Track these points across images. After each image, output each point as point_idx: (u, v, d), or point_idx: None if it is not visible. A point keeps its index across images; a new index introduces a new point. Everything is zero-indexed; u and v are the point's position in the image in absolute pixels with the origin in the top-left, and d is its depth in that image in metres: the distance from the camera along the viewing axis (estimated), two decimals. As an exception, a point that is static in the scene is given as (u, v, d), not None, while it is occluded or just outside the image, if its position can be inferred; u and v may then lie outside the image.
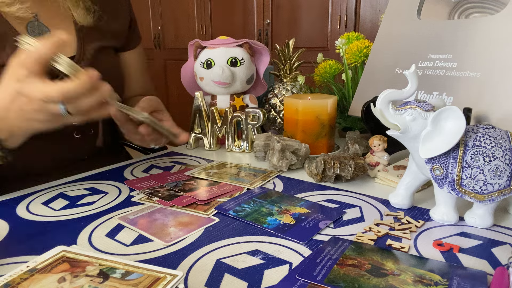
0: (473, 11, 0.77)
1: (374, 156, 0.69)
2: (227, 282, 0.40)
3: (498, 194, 0.48)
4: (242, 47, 0.89)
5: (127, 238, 0.49)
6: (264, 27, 2.73)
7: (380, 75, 0.85)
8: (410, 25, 0.83)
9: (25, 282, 0.35)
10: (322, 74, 1.02)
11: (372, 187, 0.65)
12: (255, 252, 0.45)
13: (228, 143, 0.88)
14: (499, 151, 0.47)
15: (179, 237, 0.49)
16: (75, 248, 0.41)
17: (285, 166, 0.72)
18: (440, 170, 0.49)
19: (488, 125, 0.49)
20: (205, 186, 0.66)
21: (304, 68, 1.01)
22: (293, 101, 0.80)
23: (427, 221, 0.52)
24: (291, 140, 0.74)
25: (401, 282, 0.38)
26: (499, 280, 0.38)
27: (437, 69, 0.75)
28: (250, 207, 0.57)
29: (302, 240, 0.48)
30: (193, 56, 0.91)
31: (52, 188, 0.66)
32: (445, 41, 0.76)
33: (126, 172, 0.75)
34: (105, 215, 0.56)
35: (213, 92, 0.91)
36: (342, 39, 1.02)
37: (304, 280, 0.39)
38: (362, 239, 0.47)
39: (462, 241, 0.47)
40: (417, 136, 0.50)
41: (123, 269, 0.37)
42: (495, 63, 0.68)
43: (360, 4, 2.32)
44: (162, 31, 3.34)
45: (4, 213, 0.57)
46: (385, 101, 0.50)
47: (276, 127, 0.96)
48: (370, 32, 2.18)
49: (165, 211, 0.56)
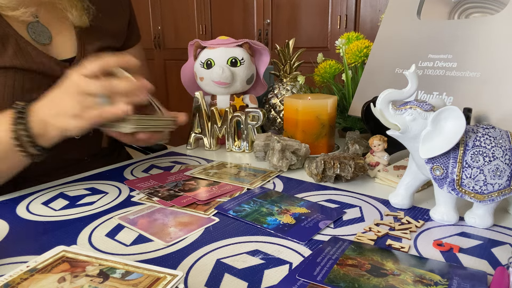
0: (473, 11, 0.77)
1: (374, 156, 0.69)
2: (227, 282, 0.40)
3: (498, 194, 0.48)
4: (242, 47, 0.89)
5: (127, 238, 0.49)
6: (264, 27, 2.73)
7: (380, 75, 0.85)
8: (410, 25, 0.83)
9: (25, 282, 0.35)
10: (322, 74, 1.02)
11: (372, 187, 0.65)
12: (255, 252, 0.45)
13: (228, 143, 0.88)
14: (499, 151, 0.47)
15: (179, 237, 0.49)
16: (75, 248, 0.41)
17: (285, 166, 0.72)
18: (440, 170, 0.49)
19: (488, 125, 0.49)
20: (205, 186, 0.66)
21: (304, 68, 1.01)
22: (293, 101, 0.80)
23: (427, 221, 0.52)
24: (291, 140, 0.74)
25: (401, 282, 0.38)
26: (499, 280, 0.38)
27: (437, 69, 0.75)
28: (250, 207, 0.57)
29: (302, 240, 0.48)
30: (193, 56, 0.91)
31: (52, 188, 0.66)
32: (445, 41, 0.76)
33: (126, 172, 0.75)
34: (105, 215, 0.56)
35: (213, 92, 0.91)
36: (342, 39, 1.02)
37: (304, 280, 0.39)
38: (362, 239, 0.47)
39: (462, 241, 0.47)
40: (417, 136, 0.50)
41: (123, 269, 0.37)
42: (495, 63, 0.68)
43: (360, 4, 2.32)
44: (162, 31, 3.33)
45: (4, 213, 0.57)
46: (385, 101, 0.50)
47: (276, 127, 0.96)
48: (370, 32, 2.18)
49: (165, 211, 0.56)
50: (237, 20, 2.86)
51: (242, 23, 2.84)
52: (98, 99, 0.55)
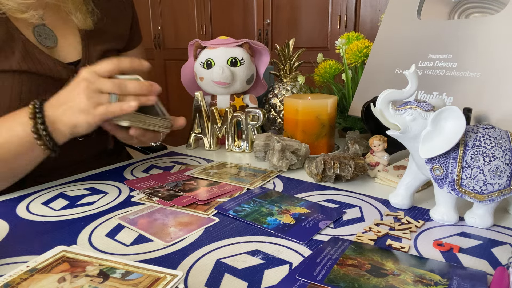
0: (473, 11, 0.77)
1: (374, 156, 0.69)
2: (227, 282, 0.40)
3: (498, 194, 0.48)
4: (242, 47, 0.89)
5: (127, 238, 0.49)
6: (264, 27, 2.73)
7: (380, 75, 0.85)
8: (410, 25, 0.83)
9: (25, 282, 0.35)
10: (322, 74, 1.02)
11: (372, 187, 0.65)
12: (255, 252, 0.45)
13: (228, 143, 0.88)
14: (499, 151, 0.47)
15: (179, 237, 0.49)
16: (75, 248, 0.41)
17: (285, 166, 0.72)
18: (440, 170, 0.49)
19: (488, 125, 0.49)
20: (205, 186, 0.66)
21: (304, 68, 1.01)
22: (293, 101, 0.80)
23: (427, 221, 0.52)
24: (291, 140, 0.74)
25: (401, 282, 0.38)
26: (499, 280, 0.38)
27: (437, 69, 0.75)
28: (250, 207, 0.57)
29: (302, 240, 0.48)
30: (193, 56, 0.91)
31: (52, 188, 0.66)
32: (445, 41, 0.76)
33: (126, 172, 0.75)
34: (105, 215, 0.56)
35: (213, 92, 0.91)
36: (342, 39, 1.02)
37: (304, 280, 0.39)
38: (362, 239, 0.47)
39: (462, 241, 0.47)
40: (417, 136, 0.50)
41: (123, 269, 0.37)
42: (495, 63, 0.68)
43: (360, 4, 2.32)
44: (162, 31, 3.33)
45: (4, 213, 0.57)
46: (385, 101, 0.50)
47: (276, 127, 0.96)
48: (370, 32, 2.17)
49: (165, 211, 0.56)
50: (237, 20, 2.86)
51: (242, 23, 2.84)
52: (111, 97, 0.57)
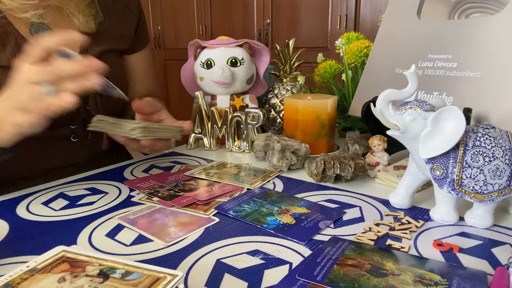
0: (473, 11, 0.77)
1: (374, 156, 0.69)
2: (227, 282, 0.40)
3: (498, 194, 0.48)
4: (242, 47, 0.89)
5: (127, 238, 0.49)
6: (264, 27, 2.72)
7: (380, 75, 0.85)
8: (410, 25, 0.83)
9: (25, 282, 0.35)
10: (322, 74, 1.02)
11: (372, 187, 0.65)
12: (255, 252, 0.45)
13: (228, 143, 0.88)
14: (499, 151, 0.47)
15: (179, 237, 0.49)
16: (75, 248, 0.41)
17: (285, 166, 0.72)
18: (440, 170, 0.49)
19: (488, 125, 0.49)
20: (205, 186, 0.66)
21: (304, 68, 1.01)
22: (293, 101, 0.80)
23: (427, 221, 0.52)
24: (291, 140, 0.74)
25: (401, 282, 0.38)
26: (499, 280, 0.38)
27: (437, 69, 0.75)
28: (250, 207, 0.57)
29: (302, 240, 0.48)
30: (193, 56, 0.91)
31: (52, 188, 0.66)
32: (445, 41, 0.76)
33: (126, 172, 0.75)
34: (105, 215, 0.56)
35: (213, 92, 0.91)
36: (342, 39, 1.02)
37: (304, 280, 0.39)
38: (362, 239, 0.47)
39: (462, 241, 0.47)
40: (417, 136, 0.50)
41: (123, 269, 0.37)
42: (495, 63, 0.68)
43: (360, 4, 2.32)
44: (162, 31, 3.33)
45: (4, 213, 0.57)
46: (385, 101, 0.50)
47: (276, 127, 0.96)
48: (370, 32, 2.17)
49: (165, 211, 0.56)
50: (237, 20, 2.86)
51: (242, 23, 2.84)
52: (44, 88, 0.49)
